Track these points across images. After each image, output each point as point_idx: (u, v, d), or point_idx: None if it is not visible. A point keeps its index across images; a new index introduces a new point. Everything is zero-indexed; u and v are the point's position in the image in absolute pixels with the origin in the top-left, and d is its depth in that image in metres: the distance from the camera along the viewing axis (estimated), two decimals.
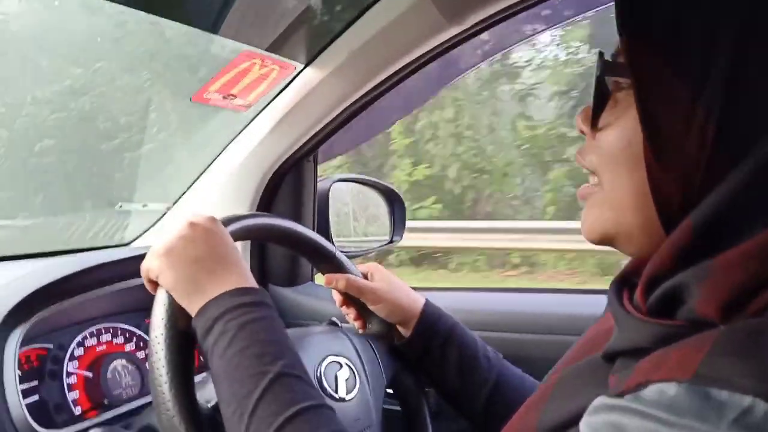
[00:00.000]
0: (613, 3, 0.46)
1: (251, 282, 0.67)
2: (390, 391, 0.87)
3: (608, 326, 0.56)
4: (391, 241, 1.52)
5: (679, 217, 0.44)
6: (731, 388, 0.35)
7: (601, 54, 0.50)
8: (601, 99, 0.51)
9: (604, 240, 0.52)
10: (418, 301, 0.87)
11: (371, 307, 0.86)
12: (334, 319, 0.89)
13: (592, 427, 0.41)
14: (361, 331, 0.90)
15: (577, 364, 0.63)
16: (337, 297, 0.91)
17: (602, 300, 0.58)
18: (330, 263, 0.87)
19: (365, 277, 0.89)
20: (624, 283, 0.54)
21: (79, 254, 1.06)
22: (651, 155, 0.44)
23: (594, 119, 0.51)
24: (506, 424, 0.63)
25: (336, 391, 0.74)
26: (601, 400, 0.41)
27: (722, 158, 0.41)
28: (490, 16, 0.94)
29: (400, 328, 0.87)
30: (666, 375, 0.38)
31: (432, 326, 0.85)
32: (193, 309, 0.64)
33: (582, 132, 0.53)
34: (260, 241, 0.84)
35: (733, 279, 0.40)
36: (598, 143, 0.51)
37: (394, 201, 1.54)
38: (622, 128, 0.48)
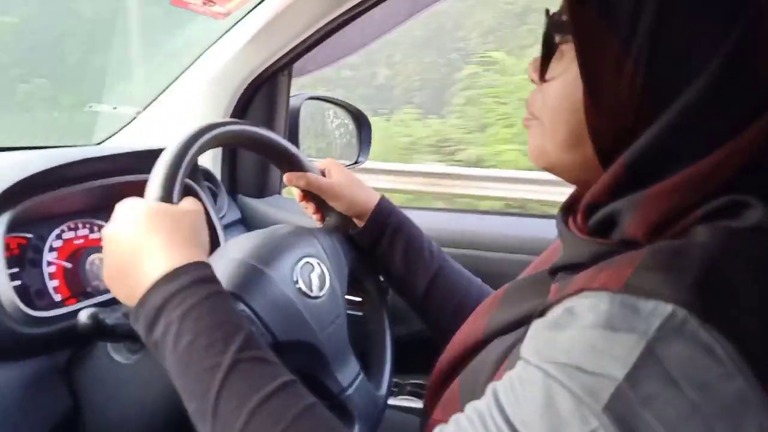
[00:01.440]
0: None
1: (186, 252, 0.62)
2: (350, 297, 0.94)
3: (559, 248, 0.64)
4: (356, 162, 1.57)
5: (613, 155, 0.50)
6: (656, 297, 0.42)
7: (547, 11, 0.56)
8: (548, 52, 0.56)
9: (547, 168, 0.60)
10: (373, 195, 0.93)
11: (330, 203, 0.92)
12: None
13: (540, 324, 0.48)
14: (319, 224, 0.95)
15: (525, 277, 0.71)
16: (297, 193, 0.95)
17: None
18: (290, 163, 0.91)
19: (323, 174, 0.93)
20: (570, 209, 0.62)
21: (54, 149, 1.07)
22: (589, 100, 0.50)
23: (542, 70, 0.57)
24: (462, 329, 0.71)
25: (311, 290, 0.80)
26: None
27: (650, 104, 0.48)
28: None
29: (355, 220, 0.93)
30: (599, 285, 0.45)
31: (384, 219, 0.91)
32: (130, 302, 0.62)
33: (533, 80, 0.60)
34: (225, 145, 0.84)
35: (659, 207, 0.48)
36: (545, 92, 0.57)
37: (361, 123, 1.58)
38: (566, 78, 0.54)
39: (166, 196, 0.68)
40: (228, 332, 0.58)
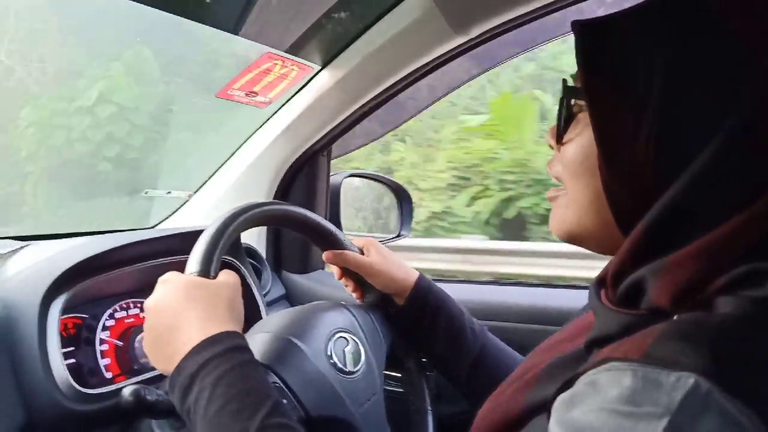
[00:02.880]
0: None
1: (220, 323, 0.66)
2: (389, 372, 0.94)
3: (590, 320, 0.63)
4: (398, 236, 1.60)
5: (634, 220, 0.51)
6: (677, 369, 0.41)
7: (564, 81, 0.58)
8: (565, 118, 0.59)
9: (570, 238, 0.60)
10: (412, 273, 0.94)
11: (368, 280, 0.93)
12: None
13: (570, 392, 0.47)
14: (359, 302, 0.97)
15: (566, 353, 0.70)
16: (336, 271, 0.98)
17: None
18: (328, 241, 0.93)
19: (361, 251, 0.95)
20: (602, 282, 0.61)
21: (108, 234, 1.15)
22: (604, 166, 0.52)
23: (559, 135, 0.59)
24: (494, 401, 0.70)
25: (345, 365, 0.81)
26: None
27: (664, 168, 0.49)
28: (493, 28, 1.03)
29: (395, 299, 0.93)
30: (620, 354, 0.45)
31: (423, 298, 0.92)
32: (167, 371, 0.66)
33: (551, 146, 0.62)
34: (263, 225, 0.88)
35: (682, 274, 0.47)
36: (562, 155, 0.59)
37: (402, 197, 1.62)
38: (581, 142, 0.56)
39: (204, 270, 0.72)
40: (257, 399, 0.60)
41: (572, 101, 0.58)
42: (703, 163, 0.47)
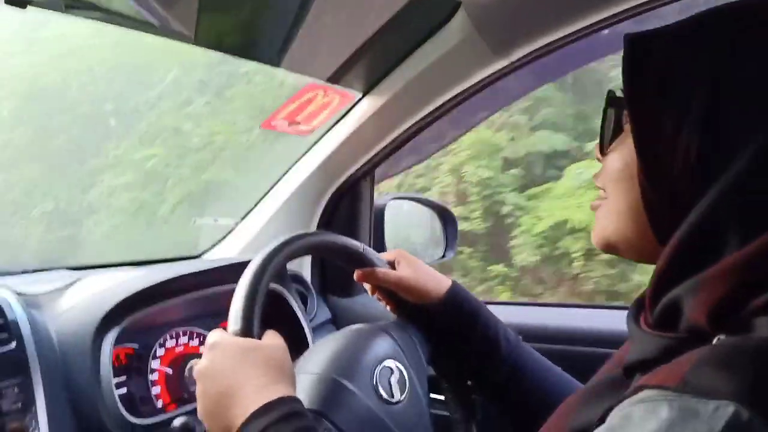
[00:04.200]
0: None
1: (275, 388, 0.67)
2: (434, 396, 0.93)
3: None
4: (443, 257, 1.59)
5: (670, 229, 0.51)
6: (716, 397, 0.40)
7: (608, 92, 0.61)
8: (608, 127, 0.60)
9: (608, 247, 0.61)
10: (444, 282, 0.91)
11: (400, 294, 0.92)
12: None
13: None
14: (394, 315, 0.95)
15: (605, 377, 0.69)
16: (369, 288, 0.96)
17: None
18: (358, 260, 0.91)
19: (392, 264, 0.93)
20: (641, 306, 0.60)
21: (159, 264, 1.18)
22: (643, 175, 0.53)
23: (602, 146, 0.61)
24: (543, 425, 0.69)
25: (392, 396, 0.80)
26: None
27: (701, 181, 0.49)
28: (533, 51, 1.02)
29: (429, 309, 0.91)
30: (657, 382, 0.44)
31: (457, 306, 0.90)
32: None
33: (599, 159, 0.63)
34: (295, 258, 0.88)
35: (718, 289, 0.46)
36: (605, 165, 0.60)
37: (446, 219, 1.62)
38: (622, 151, 0.57)
39: (247, 329, 0.72)
40: None
41: (615, 112, 0.60)
42: (740, 175, 0.47)
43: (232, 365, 0.68)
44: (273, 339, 0.73)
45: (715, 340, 0.46)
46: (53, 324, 0.92)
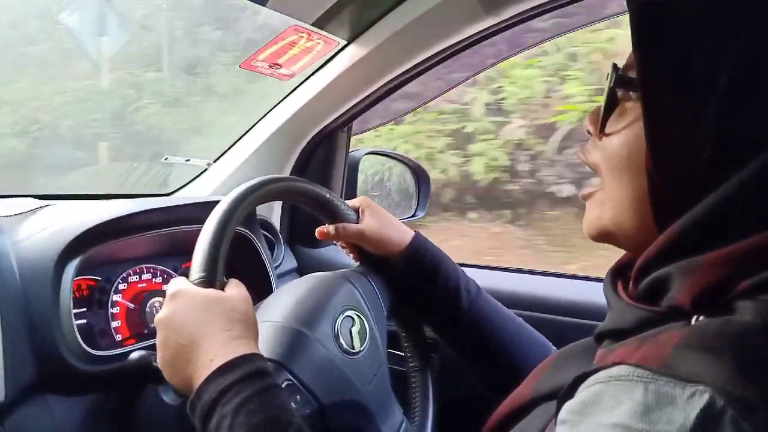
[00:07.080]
0: None
1: (239, 343, 0.65)
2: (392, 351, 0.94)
3: None
4: (413, 215, 1.60)
5: (670, 220, 0.48)
6: (693, 383, 0.39)
7: (614, 66, 0.54)
8: (611, 106, 0.55)
9: (602, 236, 0.58)
10: (407, 233, 0.91)
11: (363, 246, 0.92)
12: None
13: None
14: (357, 264, 0.96)
15: (575, 343, 0.70)
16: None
17: None
18: (324, 207, 0.90)
19: (357, 212, 0.92)
20: (618, 274, 0.60)
21: (127, 199, 1.16)
22: (652, 164, 0.49)
23: (602, 123, 0.55)
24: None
25: (352, 347, 0.80)
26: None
27: (714, 174, 0.46)
28: (525, 11, 1.00)
29: (391, 259, 0.91)
30: (638, 360, 0.43)
31: (420, 257, 0.90)
32: (185, 390, 0.65)
33: (589, 132, 0.59)
34: (264, 203, 0.85)
35: (711, 275, 0.45)
36: (603, 146, 0.56)
37: (420, 177, 1.61)
38: (628, 136, 0.53)
39: (211, 277, 0.70)
40: (278, 428, 0.59)
41: (621, 91, 0.54)
42: (756, 170, 0.44)
43: (194, 317, 0.66)
44: (236, 289, 0.71)
45: (693, 320, 0.46)
46: (13, 249, 0.89)
